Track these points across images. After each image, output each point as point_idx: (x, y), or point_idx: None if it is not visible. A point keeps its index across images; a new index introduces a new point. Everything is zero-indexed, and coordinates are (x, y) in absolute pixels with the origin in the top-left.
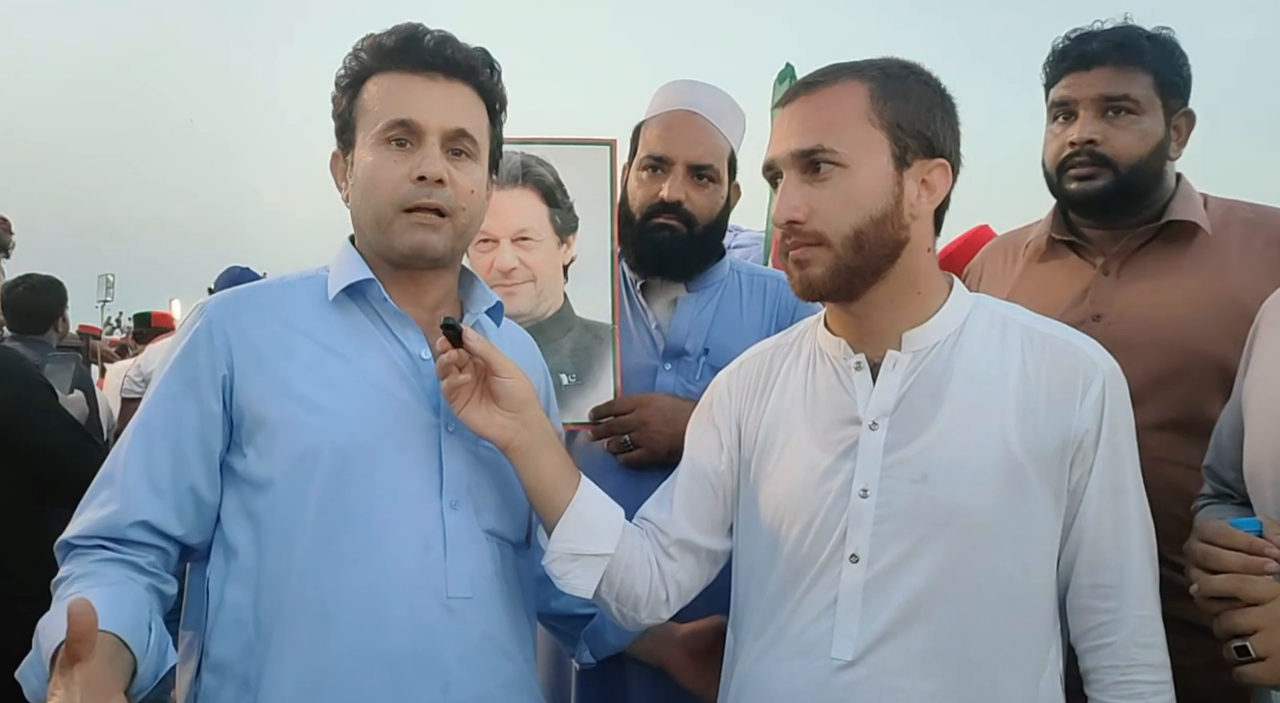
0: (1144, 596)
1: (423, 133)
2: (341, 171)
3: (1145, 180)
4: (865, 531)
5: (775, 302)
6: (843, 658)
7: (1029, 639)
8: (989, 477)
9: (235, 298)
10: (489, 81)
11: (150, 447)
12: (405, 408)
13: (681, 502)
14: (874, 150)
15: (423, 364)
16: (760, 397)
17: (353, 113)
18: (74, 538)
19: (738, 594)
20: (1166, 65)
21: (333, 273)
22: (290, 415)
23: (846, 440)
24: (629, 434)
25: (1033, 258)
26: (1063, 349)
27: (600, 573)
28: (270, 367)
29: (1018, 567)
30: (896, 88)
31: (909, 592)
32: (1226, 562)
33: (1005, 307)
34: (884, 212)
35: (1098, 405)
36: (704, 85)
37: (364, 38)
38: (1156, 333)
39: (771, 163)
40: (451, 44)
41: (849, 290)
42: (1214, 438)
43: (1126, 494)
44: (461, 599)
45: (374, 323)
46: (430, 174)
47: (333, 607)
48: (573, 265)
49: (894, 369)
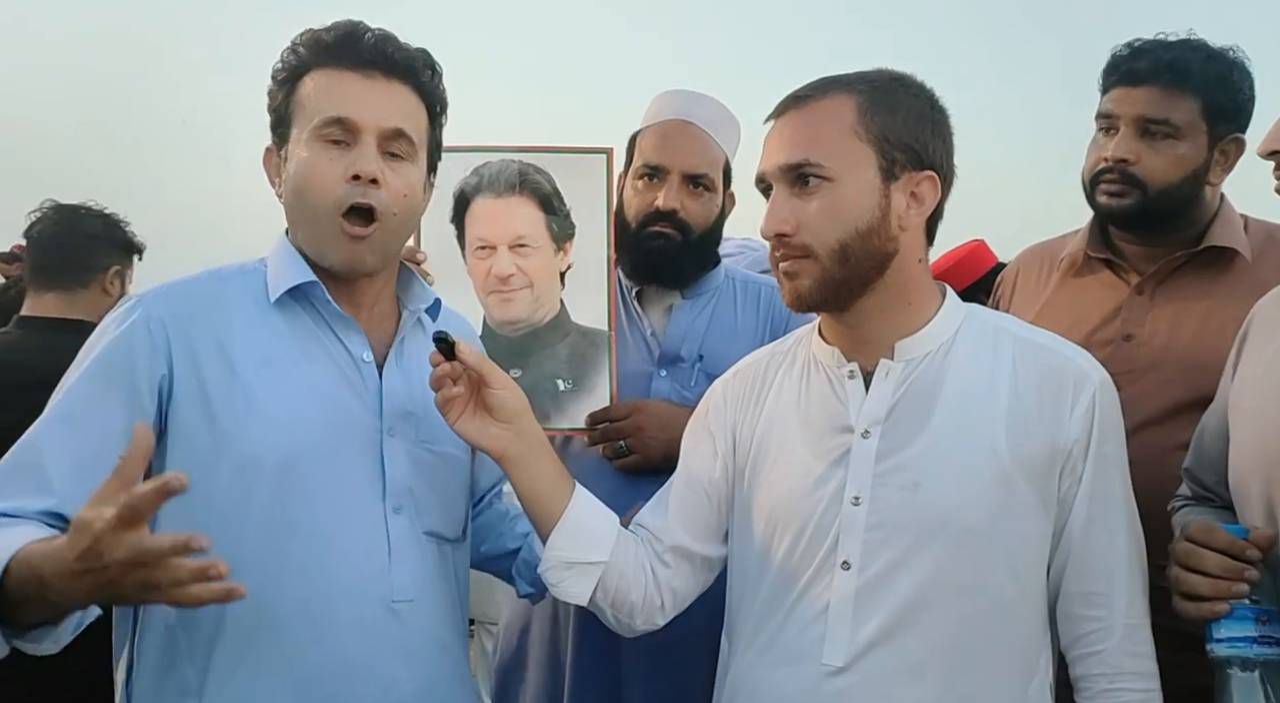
0: (1133, 604)
1: (359, 131)
2: (276, 167)
3: (1175, 204)
4: (857, 538)
5: (769, 308)
6: (834, 664)
7: (1019, 647)
8: (979, 485)
9: (175, 294)
10: (429, 82)
11: (73, 442)
12: (348, 413)
13: (677, 509)
14: (860, 164)
15: (364, 366)
16: (755, 404)
17: (289, 108)
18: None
19: (732, 600)
20: (1219, 90)
21: (272, 272)
22: (231, 424)
23: (839, 448)
24: (624, 440)
25: (1068, 272)
26: (1053, 359)
27: (595, 581)
28: (210, 370)
29: (1008, 575)
30: (884, 101)
31: (900, 599)
32: (1206, 563)
33: (998, 317)
34: (870, 224)
35: (1088, 415)
36: (700, 95)
37: (303, 32)
38: (1186, 357)
39: (762, 176)
40: (392, 43)
41: (837, 301)
42: (1194, 440)
43: (1115, 503)
44: (405, 602)
45: (316, 324)
46: (365, 173)
47: (277, 614)
48: (569, 272)
49: (886, 378)
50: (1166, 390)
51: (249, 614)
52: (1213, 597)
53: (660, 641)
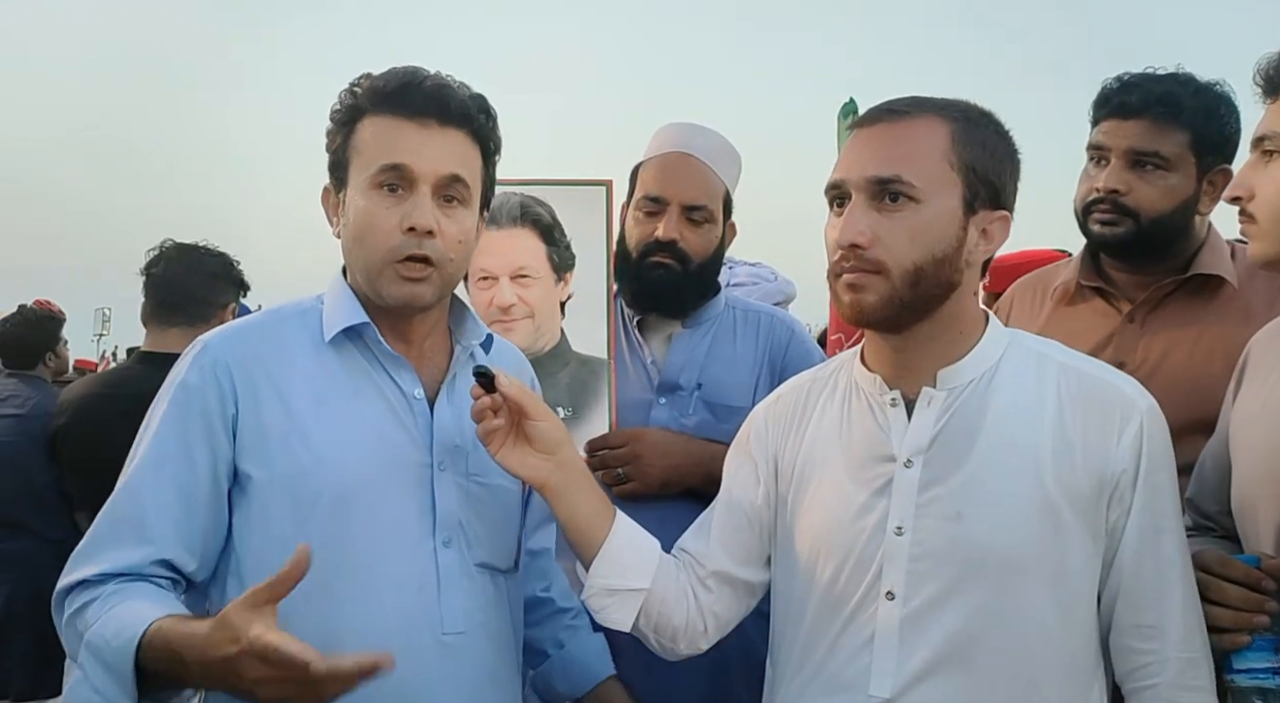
0: (1188, 637)
1: (415, 180)
2: (334, 207)
3: (1168, 233)
4: (900, 568)
5: (769, 338)
6: (880, 696)
7: (1069, 680)
8: (1023, 516)
9: (238, 336)
10: (484, 126)
11: (166, 486)
12: (399, 449)
13: (719, 534)
14: (948, 191)
15: (416, 404)
16: (796, 430)
17: (346, 151)
18: (94, 577)
19: (776, 627)
20: (1207, 124)
21: (328, 313)
22: (289, 463)
23: (881, 478)
24: (623, 467)
25: (1060, 300)
26: (1099, 386)
27: (637, 607)
28: (269, 409)
29: (1054, 607)
30: (976, 134)
31: (946, 631)
32: (1228, 596)
33: (1042, 343)
34: (945, 253)
35: (1135, 444)
36: (700, 128)
37: (361, 76)
38: (1177, 384)
39: (841, 183)
40: (448, 90)
41: (895, 322)
42: (1196, 470)
43: (1166, 533)
44: (455, 635)
45: (369, 362)
46: (420, 225)
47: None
48: (570, 302)
49: (929, 406)
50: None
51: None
52: (1234, 628)
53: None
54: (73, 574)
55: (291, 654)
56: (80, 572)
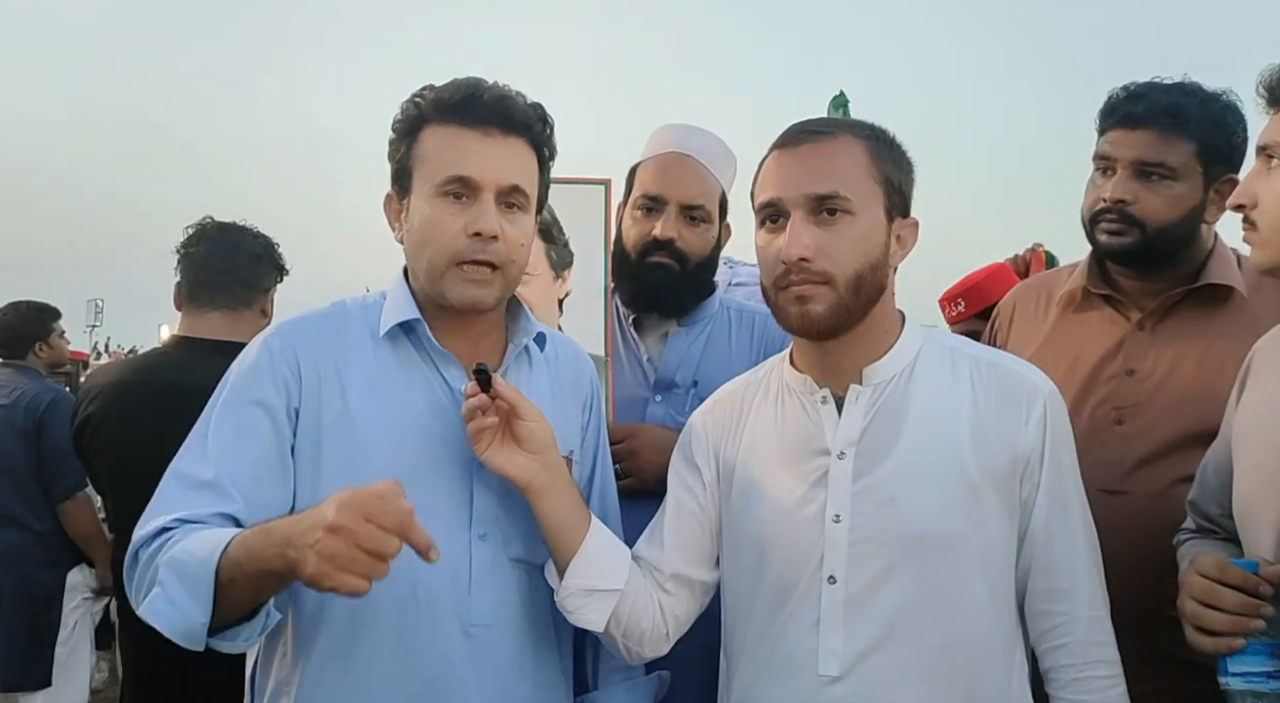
0: (1093, 597)
1: (479, 189)
2: (396, 214)
3: (1174, 242)
4: (841, 553)
5: (763, 336)
6: (830, 674)
7: (999, 646)
8: (950, 496)
9: (307, 325)
10: (542, 134)
11: (239, 456)
12: (443, 443)
13: (671, 538)
14: (874, 203)
15: (463, 399)
16: (735, 432)
17: (410, 160)
18: (171, 522)
19: (727, 621)
20: (1214, 133)
21: (386, 309)
22: (336, 448)
23: (818, 470)
24: (620, 464)
25: (1067, 307)
26: (1007, 375)
27: (611, 608)
28: (328, 397)
29: (983, 579)
30: (885, 150)
31: (887, 608)
32: (1224, 601)
33: (953, 338)
34: (877, 259)
35: (1041, 425)
36: (697, 129)
37: (424, 87)
38: (1188, 391)
39: (777, 201)
40: (509, 100)
41: (839, 328)
42: (1199, 474)
43: (1071, 505)
44: (483, 627)
45: (422, 358)
46: (486, 230)
47: (365, 632)
48: (567, 299)
49: (857, 402)
50: (1170, 424)
51: (342, 629)
52: (1230, 633)
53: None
54: (147, 527)
55: (399, 496)
56: (156, 522)
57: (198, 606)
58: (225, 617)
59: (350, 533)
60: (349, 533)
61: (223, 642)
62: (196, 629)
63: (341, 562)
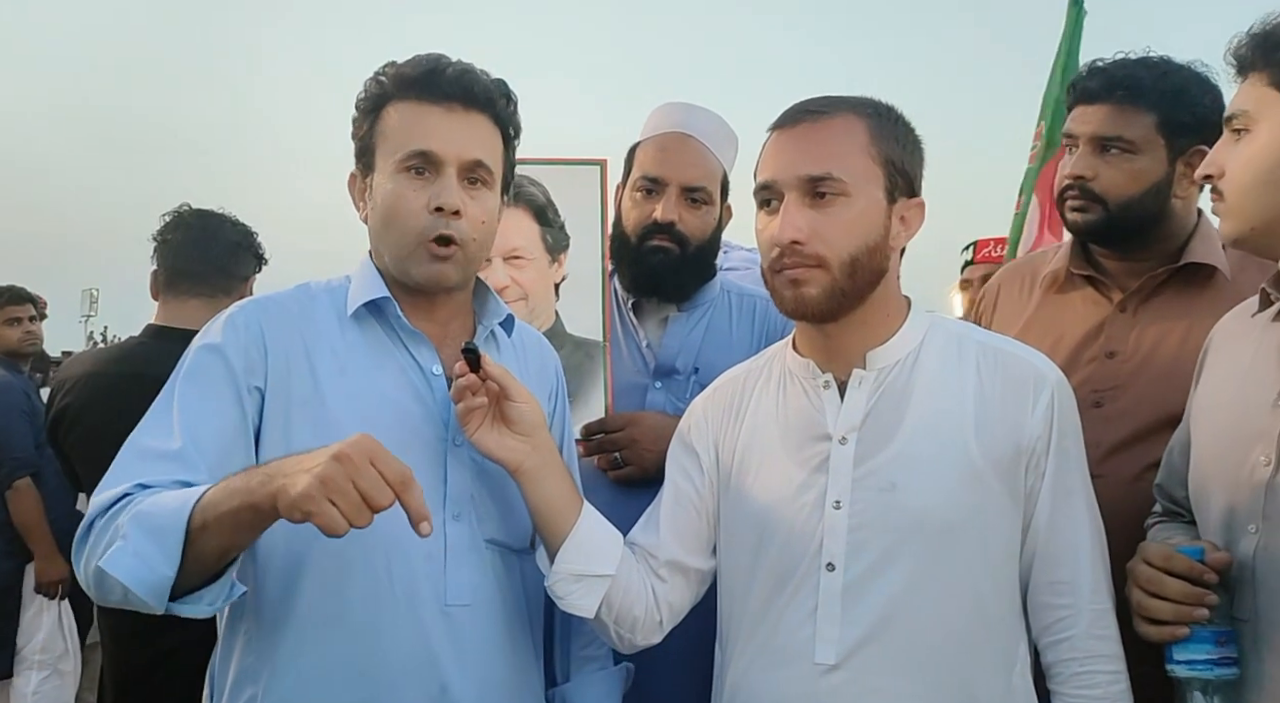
0: (1098, 591)
1: (441, 164)
2: (360, 192)
3: (1140, 218)
4: (840, 540)
5: (764, 321)
6: (826, 662)
7: (1000, 637)
8: (952, 484)
9: (271, 305)
10: (505, 110)
11: (203, 427)
12: (415, 423)
13: (668, 524)
14: (873, 184)
15: (434, 379)
16: (735, 419)
17: (373, 137)
18: (132, 488)
19: (723, 609)
20: (1175, 105)
21: (353, 289)
22: (305, 429)
23: (819, 456)
24: (620, 452)
25: (1050, 288)
26: (1014, 362)
27: (602, 594)
28: (297, 377)
29: (984, 569)
30: (888, 128)
31: (885, 596)
32: (1169, 590)
33: (960, 324)
34: (875, 242)
35: (1048, 413)
36: (698, 108)
37: (386, 64)
38: (1168, 373)
39: (772, 183)
40: (471, 76)
41: (835, 312)
42: (1165, 456)
43: (1076, 495)
44: (460, 606)
45: (390, 338)
46: (448, 205)
47: (339, 612)
48: (564, 283)
49: (860, 387)
50: (1149, 406)
51: (313, 610)
52: (1174, 621)
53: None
54: (104, 494)
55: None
56: (115, 490)
57: (165, 558)
58: (189, 579)
59: (353, 467)
60: (351, 466)
61: (184, 606)
62: (161, 583)
63: (333, 488)
